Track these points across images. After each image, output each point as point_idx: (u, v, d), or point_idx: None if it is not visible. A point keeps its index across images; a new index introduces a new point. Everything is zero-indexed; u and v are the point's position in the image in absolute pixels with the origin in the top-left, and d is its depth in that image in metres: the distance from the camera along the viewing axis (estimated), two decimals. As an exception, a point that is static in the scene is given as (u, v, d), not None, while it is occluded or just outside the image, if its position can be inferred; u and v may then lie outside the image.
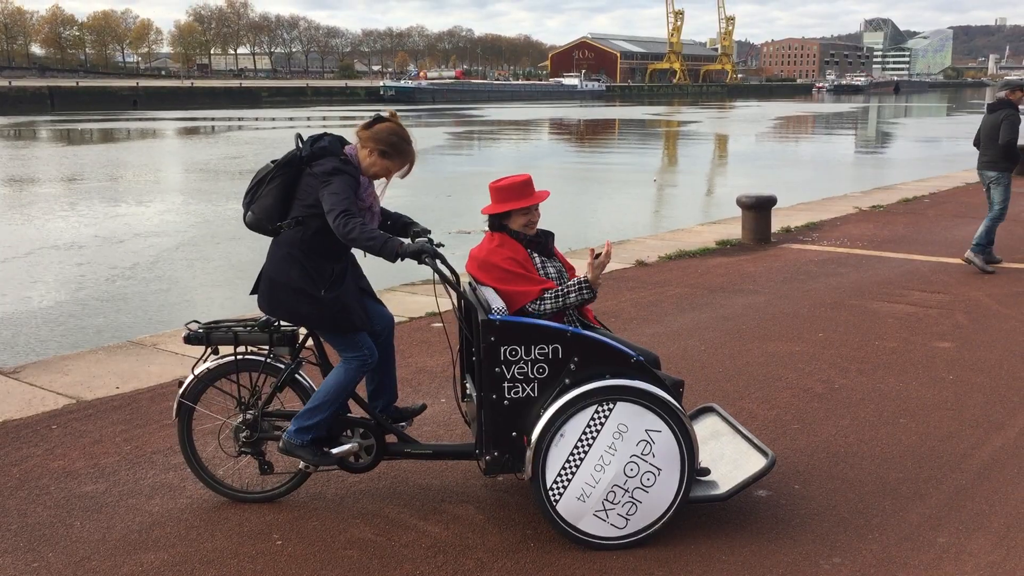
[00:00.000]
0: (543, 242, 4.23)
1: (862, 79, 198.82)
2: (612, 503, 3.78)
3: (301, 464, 4.14)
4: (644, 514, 3.80)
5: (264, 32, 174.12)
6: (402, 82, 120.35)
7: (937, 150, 38.27)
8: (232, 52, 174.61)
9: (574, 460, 3.75)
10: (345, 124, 63.17)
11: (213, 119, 64.96)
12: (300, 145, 3.98)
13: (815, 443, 4.91)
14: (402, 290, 8.79)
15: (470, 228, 15.92)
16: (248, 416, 4.16)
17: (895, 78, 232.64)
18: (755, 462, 4.04)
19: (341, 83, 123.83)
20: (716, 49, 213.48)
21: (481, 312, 3.78)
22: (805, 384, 5.87)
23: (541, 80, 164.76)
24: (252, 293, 4.14)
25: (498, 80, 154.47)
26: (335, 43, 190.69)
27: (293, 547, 3.82)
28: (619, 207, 22.44)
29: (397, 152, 4.02)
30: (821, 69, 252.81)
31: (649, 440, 3.76)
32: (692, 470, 3.82)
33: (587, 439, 3.74)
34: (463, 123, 62.48)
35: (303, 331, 4.18)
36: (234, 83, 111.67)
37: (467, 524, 4.01)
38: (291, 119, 65.63)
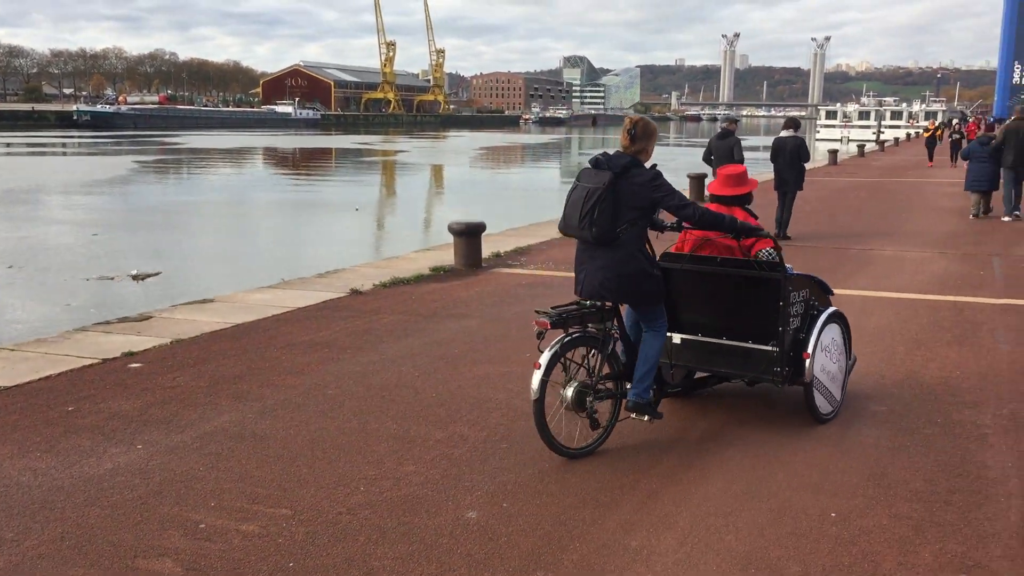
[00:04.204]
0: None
1: (564, 112, 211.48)
2: (834, 389, 5.74)
3: (602, 424, 5.18)
4: (840, 393, 5.85)
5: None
6: (99, 107, 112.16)
7: (631, 178, 41.34)
8: None
9: (824, 364, 5.59)
10: (35, 151, 57.77)
11: None
12: (603, 164, 5.00)
13: (523, 460, 5.06)
14: (95, 330, 8.10)
15: (113, 273, 14.97)
16: (591, 381, 5.06)
17: (593, 111, 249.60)
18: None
19: (27, 106, 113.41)
20: (429, 80, 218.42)
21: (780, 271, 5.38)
22: (514, 404, 6.05)
23: (253, 107, 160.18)
24: (581, 295, 5.12)
25: (207, 106, 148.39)
26: (19, 63, 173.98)
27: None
28: (334, 236, 22.25)
29: (650, 135, 5.19)
30: (527, 102, 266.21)
31: (842, 344, 5.84)
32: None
33: (827, 349, 5.61)
34: (161, 151, 59.22)
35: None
36: None
37: (164, 579, 3.72)
38: (-34, 145, 58.97)
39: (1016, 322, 8.59)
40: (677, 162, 40.25)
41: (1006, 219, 17.04)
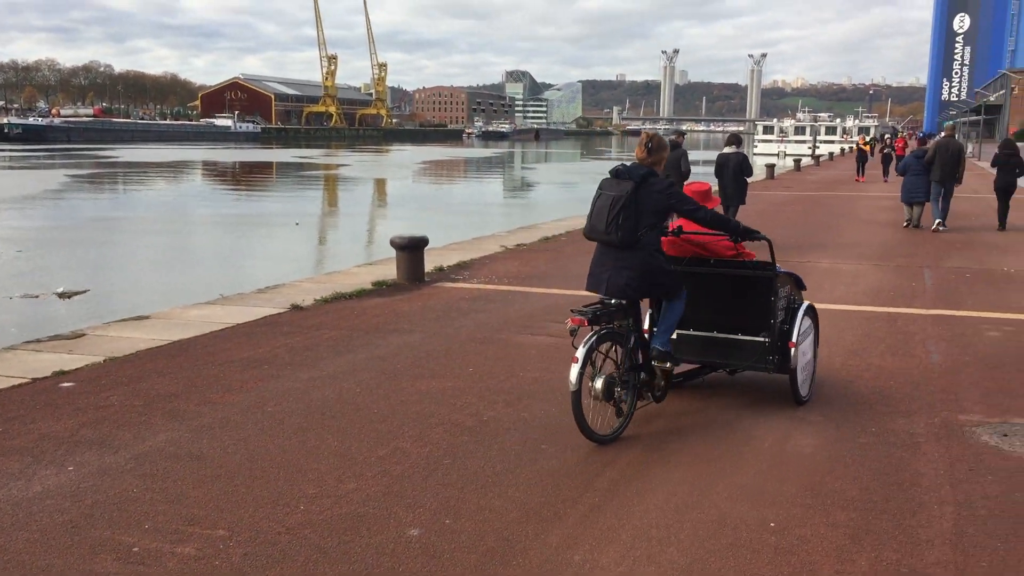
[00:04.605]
0: None
1: (507, 126, 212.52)
2: (810, 374, 6.40)
3: (620, 405, 5.63)
4: (813, 377, 6.49)
5: None
6: (31, 119, 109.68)
7: (573, 193, 41.76)
8: None
9: (804, 352, 6.17)
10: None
11: None
12: (623, 174, 5.61)
13: (466, 476, 5.03)
14: (24, 348, 7.87)
15: (38, 291, 14.61)
16: (617, 372, 5.57)
17: (535, 126, 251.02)
18: None
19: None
20: (371, 94, 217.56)
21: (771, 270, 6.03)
22: (456, 419, 6.02)
23: (192, 120, 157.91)
24: (606, 294, 5.66)
25: (143, 119, 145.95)
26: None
27: None
28: (274, 251, 21.99)
29: (663, 148, 5.91)
30: (470, 116, 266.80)
31: (813, 333, 6.43)
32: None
33: (805, 338, 6.21)
34: (95, 165, 57.99)
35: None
36: None
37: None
38: None
39: (947, 332, 8.81)
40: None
41: (935, 230, 17.67)
